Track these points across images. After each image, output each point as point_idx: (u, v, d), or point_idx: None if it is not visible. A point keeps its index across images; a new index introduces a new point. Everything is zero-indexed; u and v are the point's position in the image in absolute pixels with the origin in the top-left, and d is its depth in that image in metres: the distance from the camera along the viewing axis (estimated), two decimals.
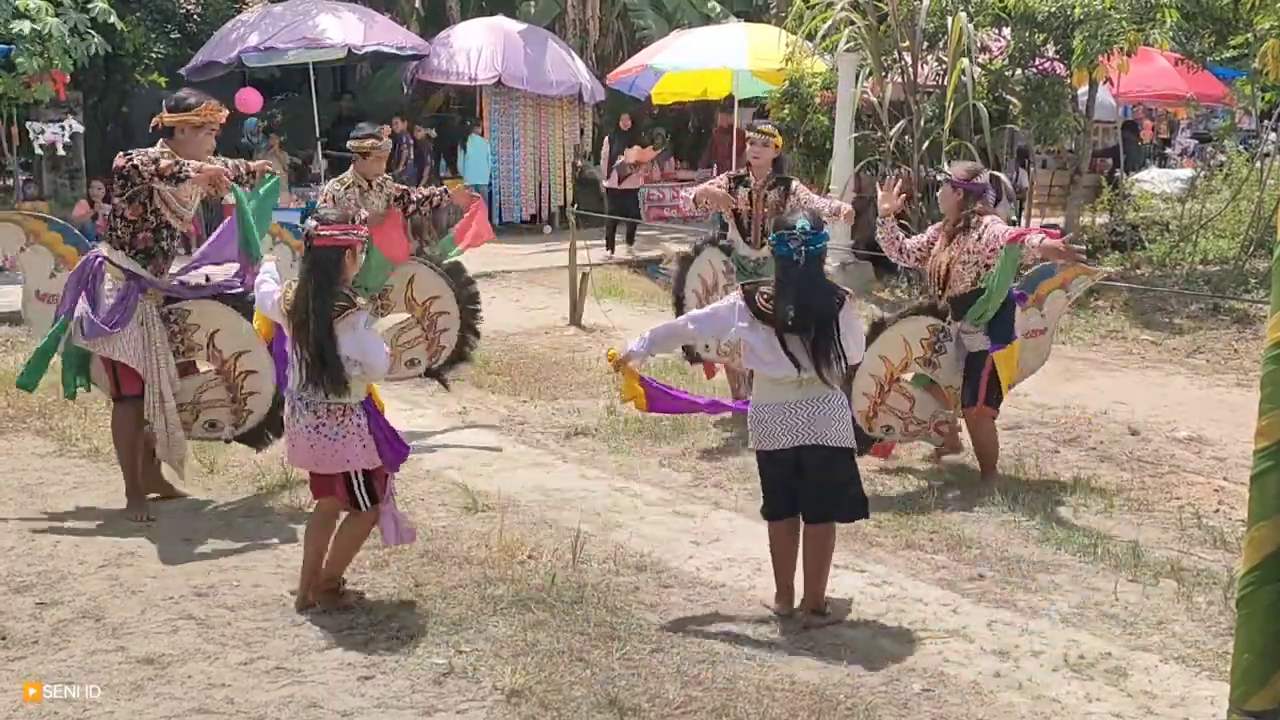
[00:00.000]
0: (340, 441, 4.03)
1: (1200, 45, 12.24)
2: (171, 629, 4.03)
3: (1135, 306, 10.46)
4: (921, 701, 3.65)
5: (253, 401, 5.35)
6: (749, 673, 3.79)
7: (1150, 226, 12.95)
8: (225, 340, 5.25)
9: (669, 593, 4.42)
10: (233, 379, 5.31)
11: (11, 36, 11.45)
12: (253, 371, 5.31)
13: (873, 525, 5.11)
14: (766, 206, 6.59)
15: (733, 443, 6.38)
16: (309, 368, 3.99)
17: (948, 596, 4.47)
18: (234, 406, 5.35)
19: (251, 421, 5.38)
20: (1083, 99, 12.65)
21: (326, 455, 4.05)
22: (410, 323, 6.65)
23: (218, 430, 5.39)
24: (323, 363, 3.95)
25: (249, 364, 5.30)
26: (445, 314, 6.61)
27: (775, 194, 6.62)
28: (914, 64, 11.50)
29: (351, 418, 4.04)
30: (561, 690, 3.63)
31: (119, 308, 4.94)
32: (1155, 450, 6.56)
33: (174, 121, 5.05)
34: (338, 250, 4.03)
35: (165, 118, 5.05)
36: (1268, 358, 2.97)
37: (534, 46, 15.78)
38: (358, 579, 4.44)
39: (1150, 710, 3.65)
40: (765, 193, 6.63)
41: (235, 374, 5.30)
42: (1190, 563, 4.82)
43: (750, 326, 4.15)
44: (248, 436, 5.45)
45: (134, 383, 5.05)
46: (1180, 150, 21.64)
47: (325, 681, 3.68)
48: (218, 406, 5.34)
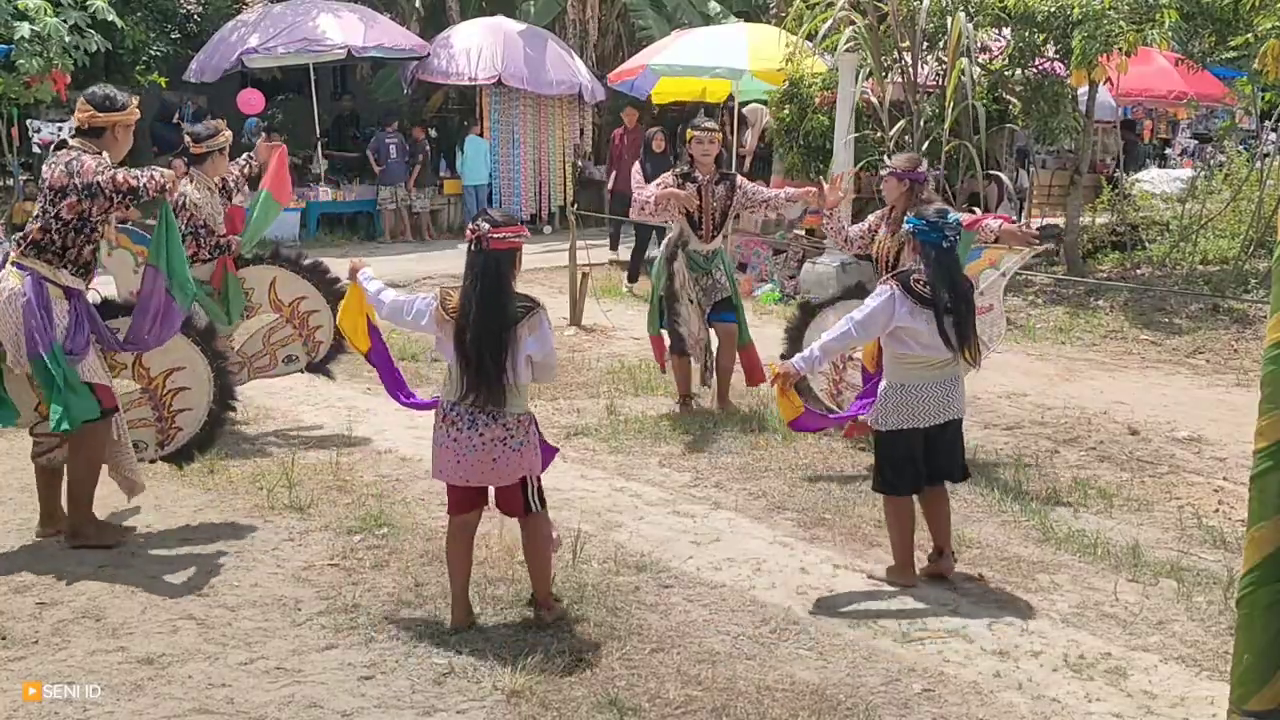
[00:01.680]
0: (523, 450, 3.93)
1: (1200, 45, 12.24)
2: (171, 629, 4.03)
3: (1135, 306, 10.46)
4: (921, 701, 3.65)
5: (182, 419, 5.21)
6: (749, 673, 3.79)
7: (1150, 226, 12.95)
8: (153, 358, 5.08)
9: (669, 593, 4.42)
10: (160, 397, 5.15)
11: (12, 37, 11.45)
12: (184, 389, 5.17)
13: (872, 525, 5.12)
14: (715, 201, 6.82)
15: (733, 443, 6.38)
16: (486, 376, 3.82)
17: (948, 596, 4.47)
18: (159, 425, 5.18)
19: (180, 439, 5.23)
20: (1083, 99, 12.65)
21: (510, 466, 3.93)
22: (280, 322, 6.51)
23: (140, 451, 5.11)
24: (500, 370, 3.82)
25: (180, 381, 5.17)
26: (315, 311, 6.45)
27: (722, 188, 6.86)
28: (914, 64, 11.50)
29: (532, 425, 4.00)
30: (561, 690, 3.63)
31: (78, 330, 4.62)
32: (1155, 450, 6.56)
33: (108, 122, 4.72)
34: (511, 252, 3.93)
35: (98, 117, 4.69)
36: (1268, 358, 2.97)
37: (534, 46, 15.78)
38: (357, 579, 4.44)
39: (1150, 710, 3.65)
40: (713, 188, 6.83)
41: (163, 392, 5.15)
42: (1190, 563, 4.82)
43: (912, 313, 4.39)
44: (174, 455, 5.28)
45: (110, 396, 4.78)
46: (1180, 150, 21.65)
47: (325, 681, 3.68)
48: (141, 426, 5.15)
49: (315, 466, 5.83)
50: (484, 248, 3.88)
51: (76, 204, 4.56)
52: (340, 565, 4.60)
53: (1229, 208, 12.43)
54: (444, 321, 3.92)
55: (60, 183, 4.55)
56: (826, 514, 5.30)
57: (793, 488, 5.66)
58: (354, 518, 5.08)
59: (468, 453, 3.90)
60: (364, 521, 5.02)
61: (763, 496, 5.57)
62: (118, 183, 4.54)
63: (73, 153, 4.62)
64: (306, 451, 6.11)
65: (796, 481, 5.76)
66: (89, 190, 4.53)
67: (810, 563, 4.78)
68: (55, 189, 4.56)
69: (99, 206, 4.60)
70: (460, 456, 3.91)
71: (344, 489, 5.50)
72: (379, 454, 6.13)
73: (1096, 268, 12.22)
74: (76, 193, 4.53)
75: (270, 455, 6.03)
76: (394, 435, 6.46)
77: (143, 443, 5.16)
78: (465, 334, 3.83)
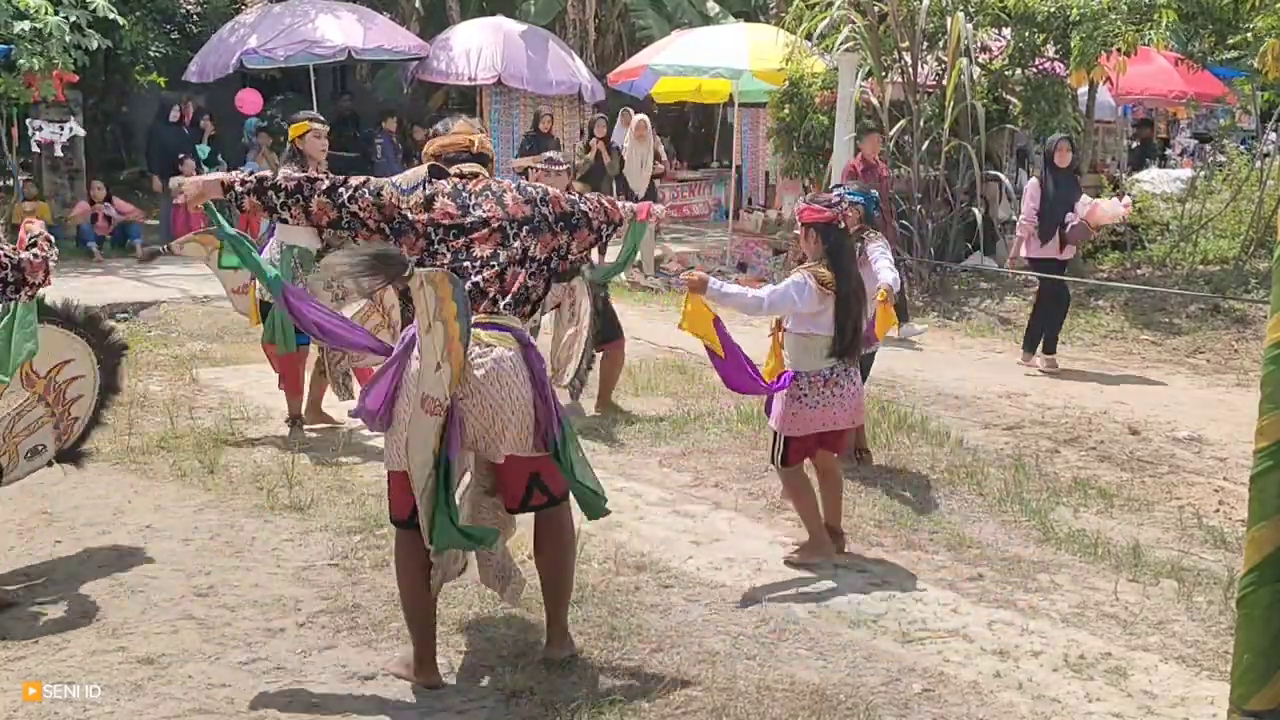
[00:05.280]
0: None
1: (1199, 45, 12.24)
2: (171, 629, 4.03)
3: (1135, 306, 10.47)
4: (921, 701, 3.65)
5: (77, 408, 4.72)
6: (749, 673, 3.79)
7: (1150, 226, 12.95)
8: (39, 360, 4.47)
9: (669, 593, 4.42)
10: (56, 392, 4.63)
11: (12, 37, 11.45)
12: (76, 377, 4.68)
13: (873, 525, 5.12)
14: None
15: (733, 443, 6.38)
16: (858, 335, 4.65)
17: (948, 596, 4.47)
18: (55, 420, 4.65)
19: (78, 429, 4.76)
20: (1083, 99, 12.66)
21: (860, 403, 4.85)
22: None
23: (41, 456, 4.64)
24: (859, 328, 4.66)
25: (71, 371, 4.66)
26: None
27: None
28: (914, 64, 11.51)
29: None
30: (561, 690, 3.63)
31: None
32: (1155, 450, 6.55)
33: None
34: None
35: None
36: (1268, 358, 2.97)
37: (534, 46, 15.79)
38: (357, 579, 4.44)
39: (1150, 710, 3.65)
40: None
41: (56, 387, 4.63)
42: (1190, 563, 4.82)
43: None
44: (72, 450, 4.77)
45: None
46: (1180, 150, 21.64)
47: (325, 681, 3.68)
48: (38, 428, 4.59)
49: (315, 466, 5.83)
50: (840, 228, 4.63)
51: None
52: (340, 565, 4.59)
53: (1229, 208, 12.42)
54: (825, 295, 4.59)
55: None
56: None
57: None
58: (354, 518, 5.08)
59: (850, 399, 4.71)
60: (364, 521, 5.02)
61: (763, 496, 5.57)
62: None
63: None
64: (306, 451, 6.11)
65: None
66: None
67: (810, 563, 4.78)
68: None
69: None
70: (846, 404, 4.70)
71: (344, 489, 5.50)
72: (379, 454, 6.12)
73: (1096, 268, 12.22)
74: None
75: (270, 455, 6.03)
76: None
77: (41, 445, 4.64)
78: (849, 302, 4.59)
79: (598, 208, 3.93)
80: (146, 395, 7.22)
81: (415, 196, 3.61)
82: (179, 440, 6.21)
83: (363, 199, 3.60)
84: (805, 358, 4.72)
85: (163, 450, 6.06)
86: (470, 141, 3.80)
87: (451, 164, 3.75)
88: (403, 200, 3.61)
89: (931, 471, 5.98)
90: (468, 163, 3.76)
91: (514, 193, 3.70)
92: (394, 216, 3.59)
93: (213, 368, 8.15)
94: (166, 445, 6.14)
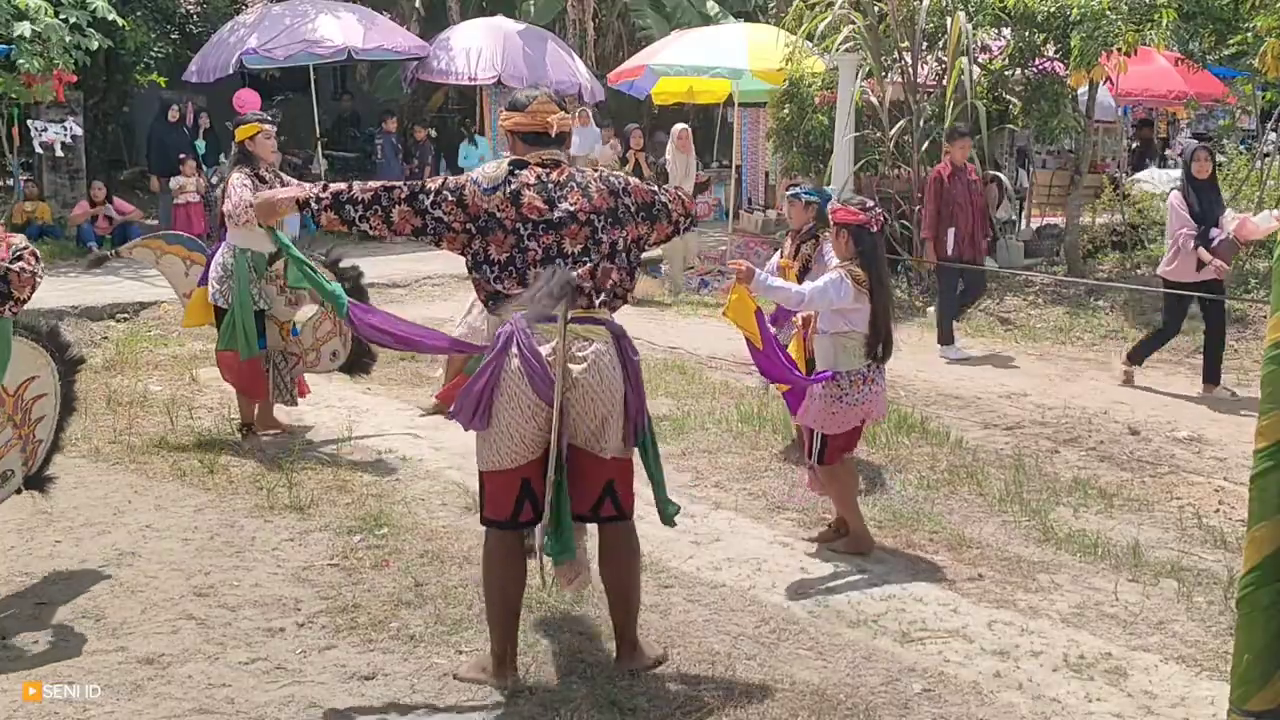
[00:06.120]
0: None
1: (1200, 45, 12.24)
2: (171, 629, 4.03)
3: (1135, 306, 10.46)
4: (921, 701, 3.65)
5: (40, 429, 4.45)
6: (749, 673, 3.79)
7: (1150, 226, 12.94)
8: (10, 378, 4.26)
9: (669, 593, 4.42)
10: (24, 412, 4.38)
11: (12, 37, 11.45)
12: (40, 396, 4.43)
13: (872, 525, 5.11)
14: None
15: (733, 443, 6.38)
16: (891, 332, 4.72)
17: (948, 596, 4.47)
18: (22, 443, 4.40)
19: (41, 452, 4.48)
20: (1083, 99, 12.65)
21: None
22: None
23: (11, 482, 4.38)
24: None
25: (35, 390, 4.41)
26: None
27: None
28: (914, 64, 11.50)
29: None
30: (561, 690, 3.63)
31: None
32: (1155, 450, 6.55)
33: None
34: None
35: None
36: (1268, 358, 2.96)
37: (534, 46, 15.78)
38: (357, 579, 4.44)
39: (1150, 710, 3.65)
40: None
41: (25, 406, 4.38)
42: (1190, 563, 4.82)
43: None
44: (37, 476, 4.50)
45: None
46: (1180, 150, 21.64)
47: (325, 681, 3.68)
48: (8, 453, 4.35)
49: (315, 466, 5.83)
50: (875, 230, 4.68)
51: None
52: (340, 565, 4.59)
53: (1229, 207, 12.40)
54: (861, 293, 4.63)
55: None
56: (827, 514, 5.29)
57: (793, 488, 5.65)
58: (354, 518, 5.08)
59: (882, 394, 4.82)
60: (364, 521, 5.02)
61: (763, 496, 5.57)
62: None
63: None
64: (306, 451, 6.11)
65: (797, 482, 5.76)
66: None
67: (810, 563, 4.79)
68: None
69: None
70: (878, 399, 4.80)
71: (344, 489, 5.50)
72: (379, 454, 6.13)
73: (1096, 268, 12.22)
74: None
75: (270, 455, 6.03)
76: (394, 435, 6.46)
77: (9, 470, 4.37)
78: (885, 300, 4.67)
79: (676, 199, 3.91)
80: (146, 395, 7.22)
81: (499, 195, 3.53)
82: (179, 440, 6.21)
83: (446, 202, 3.52)
84: (844, 357, 4.77)
85: (162, 450, 6.07)
86: (549, 124, 3.66)
87: (530, 145, 3.66)
88: (486, 200, 3.52)
89: (931, 472, 5.98)
90: (547, 148, 3.66)
91: (598, 183, 3.63)
92: (479, 215, 3.52)
93: (213, 368, 8.12)
94: (166, 445, 6.14)
